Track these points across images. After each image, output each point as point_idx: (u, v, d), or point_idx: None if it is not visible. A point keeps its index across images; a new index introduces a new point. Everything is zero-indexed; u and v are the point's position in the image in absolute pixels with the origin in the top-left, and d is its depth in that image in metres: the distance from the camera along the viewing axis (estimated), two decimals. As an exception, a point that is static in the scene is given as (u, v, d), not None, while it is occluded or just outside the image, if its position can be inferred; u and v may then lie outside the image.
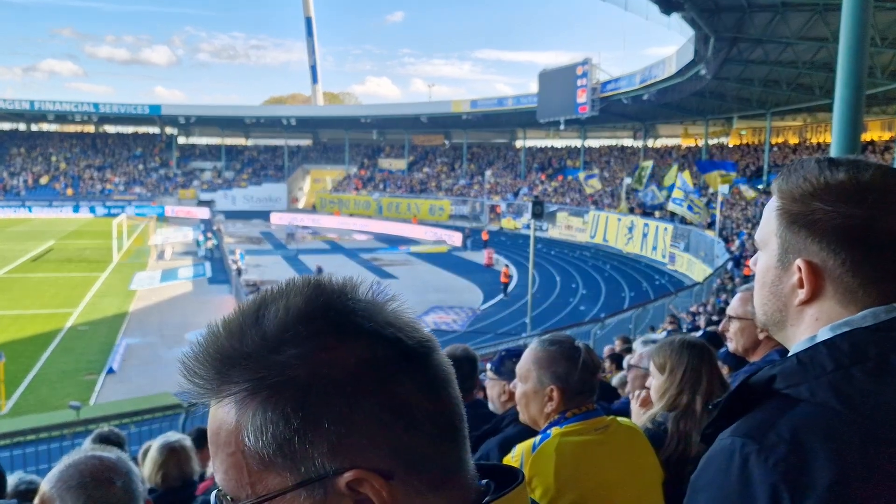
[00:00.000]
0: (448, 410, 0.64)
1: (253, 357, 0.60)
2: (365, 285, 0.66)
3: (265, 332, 0.61)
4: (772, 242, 1.05)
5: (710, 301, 19.46)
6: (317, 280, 0.65)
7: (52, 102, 58.02)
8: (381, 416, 0.59)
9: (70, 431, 11.09)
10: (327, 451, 0.58)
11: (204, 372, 0.62)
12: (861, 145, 5.88)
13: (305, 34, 72.68)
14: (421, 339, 0.64)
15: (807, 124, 39.99)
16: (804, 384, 0.92)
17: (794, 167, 1.05)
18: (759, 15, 21.62)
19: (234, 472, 0.61)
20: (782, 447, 0.86)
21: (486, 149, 59.60)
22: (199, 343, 0.64)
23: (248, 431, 0.59)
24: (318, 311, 0.62)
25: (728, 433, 0.93)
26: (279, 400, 0.58)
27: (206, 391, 0.62)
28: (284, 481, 0.59)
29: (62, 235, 41.67)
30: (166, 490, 3.15)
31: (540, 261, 30.85)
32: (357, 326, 0.62)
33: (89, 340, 19.54)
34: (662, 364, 2.46)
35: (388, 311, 0.65)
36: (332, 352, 0.60)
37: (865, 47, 4.90)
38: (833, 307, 0.99)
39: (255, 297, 0.65)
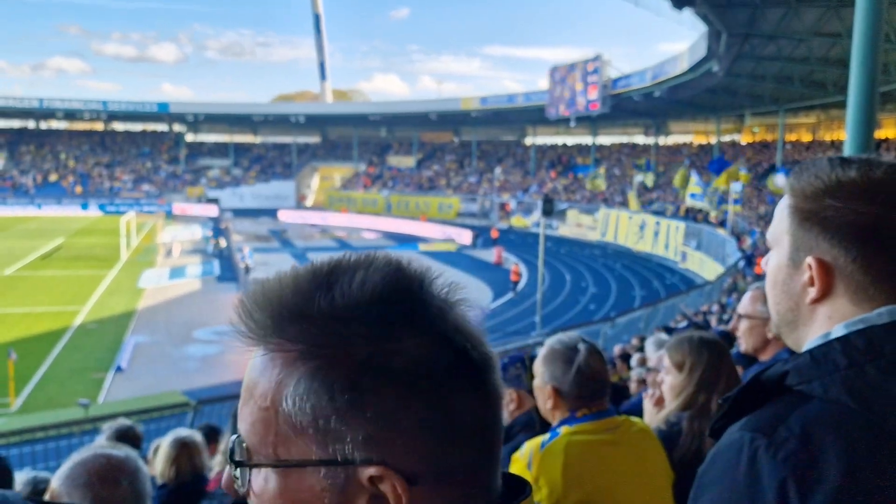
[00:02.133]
0: (490, 431, 0.62)
1: (316, 322, 0.58)
2: (441, 280, 0.64)
3: (335, 301, 0.58)
4: (783, 241, 1.06)
5: (721, 300, 19.29)
6: (398, 262, 0.63)
7: (61, 100, 58.41)
8: (424, 422, 0.57)
9: (79, 429, 11.10)
10: (361, 439, 0.56)
11: (260, 316, 0.60)
12: (875, 143, 5.77)
13: (314, 31, 72.71)
14: (484, 355, 0.62)
15: (820, 121, 39.67)
16: (817, 380, 0.91)
17: (806, 166, 1.05)
18: (771, 10, 21.41)
19: (261, 426, 0.59)
20: (792, 442, 0.85)
21: (496, 146, 59.49)
22: (264, 287, 0.62)
23: (289, 394, 0.57)
24: (395, 296, 0.59)
25: (737, 427, 0.93)
26: (330, 374, 0.56)
27: (255, 336, 0.60)
28: (309, 453, 0.57)
29: (71, 233, 41.83)
30: (178, 485, 3.19)
31: (550, 259, 30.71)
32: (428, 324, 0.59)
33: (98, 338, 19.54)
34: (681, 362, 2.42)
35: (458, 315, 0.62)
36: (397, 343, 0.57)
37: (880, 43, 4.82)
38: (845, 305, 0.99)
39: (330, 260, 0.63)
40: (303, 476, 0.57)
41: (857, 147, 4.81)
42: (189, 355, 18.41)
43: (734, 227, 28.35)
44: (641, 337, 9.75)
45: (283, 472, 0.58)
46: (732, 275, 22.73)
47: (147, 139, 65.87)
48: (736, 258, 24.72)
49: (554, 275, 29.70)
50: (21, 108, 58.22)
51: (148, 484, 1.76)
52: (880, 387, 0.88)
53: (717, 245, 28.07)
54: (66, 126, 65.27)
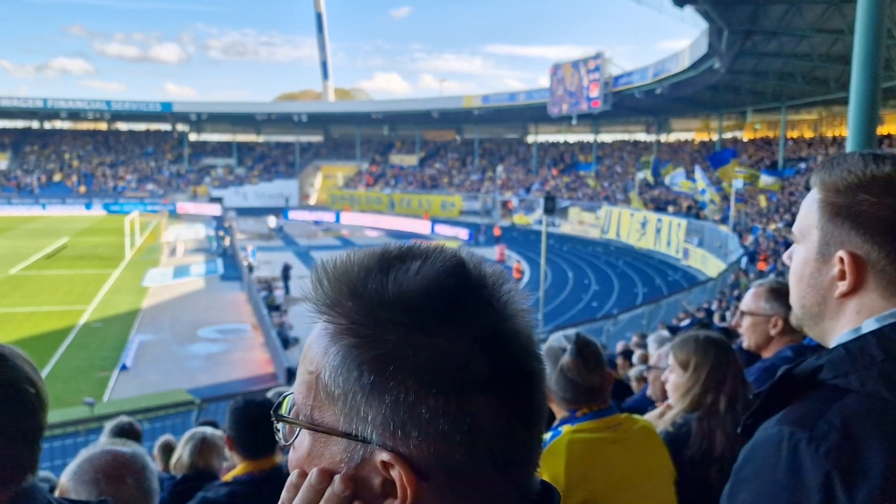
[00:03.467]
0: (516, 445, 0.61)
1: (365, 301, 0.60)
2: (507, 285, 0.64)
3: (386, 285, 0.60)
4: (812, 235, 1.05)
5: (724, 296, 19.31)
6: (461, 259, 0.63)
7: (65, 100, 58.51)
8: (442, 421, 0.57)
9: (84, 427, 11.16)
10: (380, 423, 0.57)
11: (326, 286, 0.62)
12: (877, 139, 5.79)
13: (316, 30, 72.73)
14: (524, 368, 0.61)
15: (822, 118, 39.57)
16: (853, 374, 0.92)
17: (836, 160, 1.05)
18: (773, 7, 21.39)
19: (305, 388, 0.62)
20: (834, 435, 0.85)
21: (498, 144, 59.46)
22: (339, 259, 0.64)
23: (329, 363, 0.60)
24: (444, 291, 0.60)
25: (774, 422, 0.93)
26: (361, 354, 0.58)
27: (319, 304, 0.62)
28: (337, 424, 0.60)
29: (75, 233, 41.93)
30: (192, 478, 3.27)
31: (552, 256, 30.74)
32: (470, 326, 0.59)
33: (103, 337, 19.63)
34: (686, 361, 2.39)
35: (511, 323, 0.62)
36: (430, 338, 0.58)
37: (882, 39, 4.83)
38: (875, 300, 0.99)
39: (401, 245, 0.65)
40: (329, 443, 0.60)
41: (859, 143, 4.83)
42: (193, 354, 18.49)
43: (737, 223, 28.36)
44: (642, 334, 9.79)
45: (314, 435, 0.62)
46: (735, 271, 22.74)
47: (151, 139, 65.96)
48: (738, 254, 24.73)
49: (556, 272, 29.72)
50: (25, 108, 58.34)
51: (154, 481, 1.78)
52: None
53: (719, 241, 28.07)
54: (69, 126, 65.40)
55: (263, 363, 17.60)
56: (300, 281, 26.93)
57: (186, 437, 3.49)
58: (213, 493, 2.47)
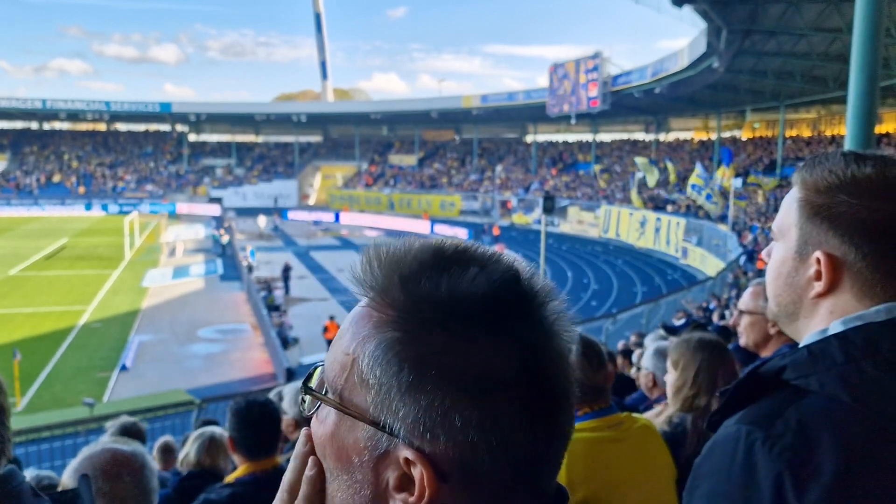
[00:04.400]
0: (541, 462, 0.61)
1: (416, 297, 0.59)
2: (556, 304, 0.63)
3: (439, 285, 0.59)
4: (790, 233, 1.05)
5: (723, 295, 19.32)
6: (517, 272, 0.63)
7: (64, 101, 58.45)
8: (470, 430, 0.57)
9: (84, 428, 11.19)
10: (410, 421, 0.57)
11: (377, 270, 0.62)
12: (876, 137, 5.80)
13: (315, 30, 72.71)
14: (561, 392, 0.61)
15: (821, 116, 39.59)
16: (814, 375, 0.92)
17: (818, 159, 1.05)
18: (772, 6, 21.41)
19: (338, 367, 0.62)
20: (788, 436, 0.86)
21: (497, 144, 59.46)
22: (394, 245, 0.63)
23: (368, 351, 0.59)
24: (495, 303, 0.59)
25: (734, 420, 0.93)
26: (404, 350, 0.57)
27: (366, 286, 0.62)
28: (366, 410, 0.59)
29: (75, 233, 41.94)
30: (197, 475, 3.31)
31: (551, 256, 30.76)
32: (515, 342, 0.59)
33: (102, 337, 19.63)
34: (676, 361, 2.46)
35: (556, 343, 0.62)
36: (472, 345, 0.57)
37: (880, 38, 4.81)
38: (849, 301, 0.99)
39: (458, 246, 0.64)
40: (354, 427, 0.60)
41: (858, 142, 4.82)
42: (193, 354, 18.50)
43: (735, 222, 28.37)
44: (640, 333, 9.81)
45: (340, 416, 0.61)
46: (733, 270, 22.76)
47: (150, 139, 65.93)
48: (737, 254, 24.74)
49: (555, 272, 29.72)
50: (24, 108, 58.35)
51: (154, 480, 1.78)
52: (877, 383, 0.88)
53: (718, 240, 28.08)
54: (69, 127, 65.33)
55: (263, 363, 17.61)
56: (300, 281, 26.97)
57: (195, 436, 3.53)
58: (216, 494, 2.47)
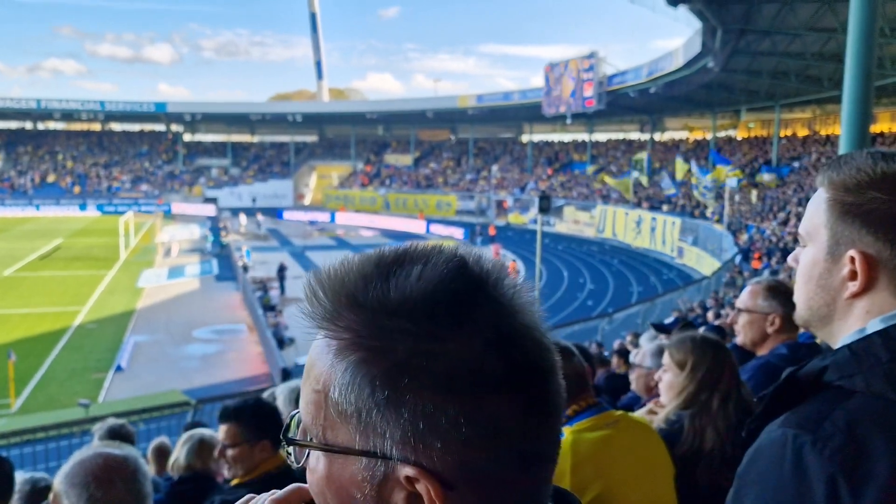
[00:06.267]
0: (539, 442, 0.59)
1: (368, 312, 0.57)
2: (510, 279, 0.62)
3: (388, 292, 0.57)
4: (820, 235, 1.03)
5: (719, 295, 19.35)
6: (462, 258, 0.61)
7: (59, 101, 58.28)
8: (464, 429, 0.55)
9: (79, 429, 11.12)
10: (399, 437, 0.55)
11: (324, 299, 0.59)
12: (871, 137, 5.80)
13: (310, 30, 72.61)
14: (540, 363, 0.59)
15: (816, 116, 39.66)
16: (858, 375, 0.90)
17: (843, 159, 1.03)
18: (766, 6, 21.44)
19: (313, 408, 0.59)
20: (838, 437, 0.84)
21: (493, 143, 59.45)
22: (331, 269, 0.61)
23: (337, 381, 0.57)
24: (449, 293, 0.57)
25: (777, 425, 0.92)
26: (372, 367, 0.55)
27: (317, 318, 0.59)
28: (352, 442, 0.57)
29: (69, 233, 41.80)
30: (189, 479, 3.29)
31: (547, 256, 30.74)
32: (480, 326, 0.57)
33: (97, 338, 19.57)
34: (683, 361, 2.40)
35: (522, 318, 0.59)
36: (442, 343, 0.55)
37: (874, 38, 4.79)
38: (886, 298, 0.97)
39: (397, 249, 0.62)
40: (346, 463, 0.58)
41: (853, 142, 4.82)
42: (189, 354, 18.45)
43: (731, 222, 28.43)
44: (635, 333, 9.83)
45: (329, 456, 0.59)
46: (729, 270, 22.81)
47: (145, 139, 65.74)
48: (732, 253, 24.79)
49: (551, 271, 29.74)
50: (18, 108, 58.07)
51: (147, 484, 1.77)
52: None
53: (713, 240, 28.13)
54: (63, 126, 65.08)
55: (259, 363, 17.57)
56: (295, 281, 26.92)
57: (184, 439, 3.49)
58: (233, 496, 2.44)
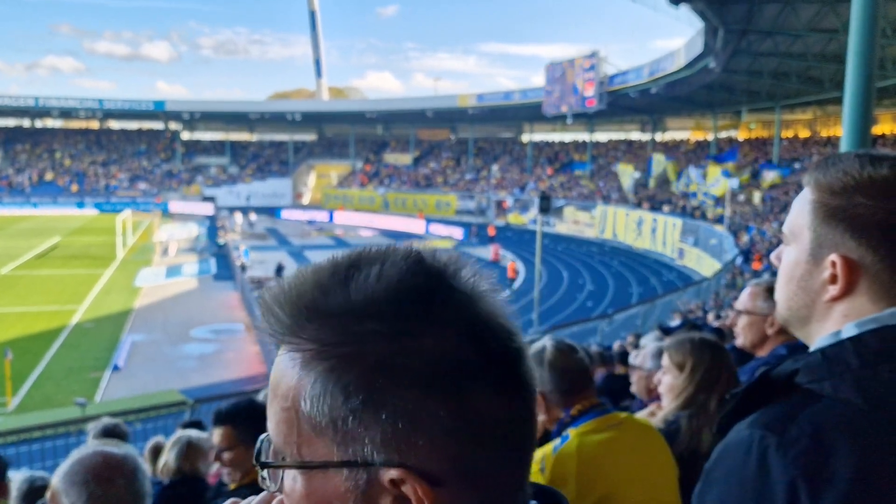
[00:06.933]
0: (519, 427, 0.59)
1: (331, 319, 0.56)
2: (468, 270, 0.61)
3: (350, 297, 0.56)
4: (803, 236, 1.02)
5: (719, 296, 19.30)
6: (418, 253, 0.60)
7: (57, 98, 58.13)
8: (445, 422, 0.54)
9: (76, 428, 11.05)
10: (380, 441, 0.54)
11: (281, 313, 0.58)
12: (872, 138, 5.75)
13: (310, 28, 72.54)
14: (511, 347, 0.59)
15: (817, 117, 39.68)
16: (828, 380, 0.90)
17: (830, 160, 1.03)
18: (768, 6, 21.43)
19: (284, 426, 0.58)
20: (803, 441, 0.84)
21: (493, 143, 59.42)
22: (286, 282, 0.60)
23: (307, 394, 0.55)
24: (412, 289, 0.57)
25: (746, 424, 0.91)
26: (344, 375, 0.54)
27: (277, 334, 0.58)
28: (330, 454, 0.56)
29: (67, 232, 41.72)
30: (179, 483, 3.25)
31: (547, 256, 30.68)
32: (449, 318, 0.57)
33: (94, 337, 19.49)
34: (681, 362, 2.43)
35: (485, 305, 0.59)
36: (413, 339, 0.55)
37: (876, 39, 4.77)
38: (864, 304, 0.97)
39: (350, 253, 0.61)
40: (327, 477, 0.56)
41: (854, 143, 4.79)
42: (186, 354, 18.37)
43: (732, 223, 28.39)
44: (637, 334, 9.76)
45: (308, 473, 0.57)
46: (730, 271, 22.76)
47: (143, 137, 65.65)
48: (733, 254, 24.74)
49: (551, 272, 29.69)
50: (16, 106, 57.93)
51: (146, 483, 1.76)
52: (893, 388, 0.87)
53: (714, 241, 28.09)
54: (61, 125, 65.03)
55: (256, 363, 17.49)
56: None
57: (172, 442, 3.45)
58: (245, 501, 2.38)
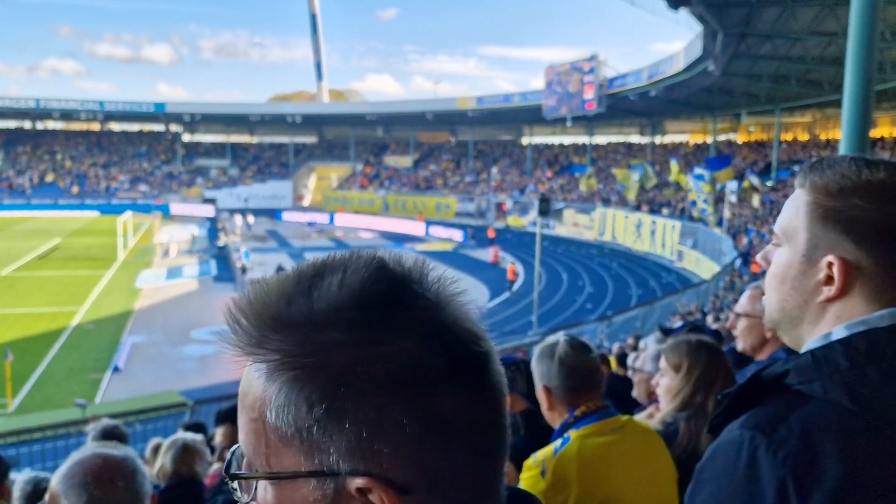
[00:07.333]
0: (489, 431, 0.58)
1: (294, 329, 0.56)
2: (432, 275, 0.61)
3: (312, 306, 0.56)
4: (798, 237, 1.03)
5: (718, 298, 19.33)
6: (381, 260, 0.60)
7: (58, 100, 58.18)
8: (411, 429, 0.54)
9: (76, 429, 11.09)
10: (345, 449, 0.54)
11: (246, 325, 0.58)
12: (870, 141, 5.78)
13: (310, 31, 72.64)
14: (478, 352, 0.59)
15: (816, 120, 39.72)
16: (817, 381, 0.91)
17: (825, 163, 1.03)
18: (767, 10, 21.45)
19: (253, 437, 0.58)
20: (792, 441, 0.85)
21: (492, 146, 59.48)
22: (251, 293, 0.60)
23: (271, 406, 0.55)
24: (375, 296, 0.56)
25: (737, 425, 0.92)
26: (307, 384, 0.54)
27: (242, 345, 0.58)
28: (298, 465, 0.55)
29: (68, 233, 41.75)
30: (175, 486, 3.24)
31: (546, 258, 30.72)
32: (412, 325, 0.56)
33: (95, 338, 19.53)
34: (678, 364, 2.42)
35: (451, 310, 0.59)
36: (376, 347, 0.54)
37: (875, 42, 4.78)
38: (858, 306, 0.98)
39: (315, 261, 0.61)
40: (296, 487, 0.56)
41: (853, 146, 4.81)
42: (186, 355, 18.40)
43: (730, 225, 28.42)
44: (637, 336, 9.79)
45: (278, 484, 0.57)
46: (729, 274, 22.80)
47: (144, 139, 65.71)
48: (732, 257, 24.77)
49: (551, 274, 29.72)
50: (17, 108, 57.99)
51: (147, 485, 1.76)
52: (881, 389, 0.88)
53: (713, 244, 28.12)
54: (62, 126, 65.06)
55: (257, 365, 17.52)
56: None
57: (167, 444, 3.43)
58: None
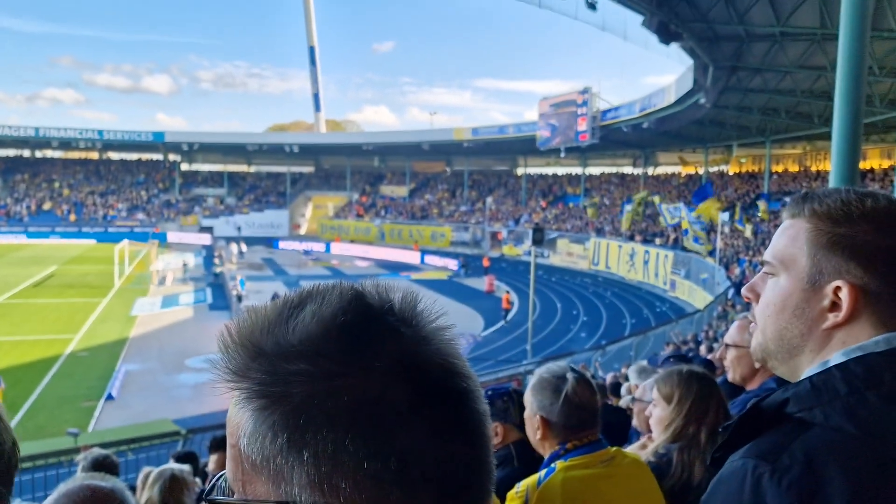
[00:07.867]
0: (460, 469, 0.56)
1: (267, 358, 0.56)
2: (417, 307, 0.60)
3: (286, 335, 0.56)
4: (798, 264, 1.02)
5: (711, 328, 19.40)
6: (358, 292, 0.59)
7: (57, 129, 58.34)
8: (369, 465, 0.52)
9: (68, 458, 11.01)
10: (306, 482, 0.53)
11: (234, 351, 0.58)
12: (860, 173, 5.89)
13: (309, 63, 73.43)
14: (450, 387, 0.57)
15: (806, 152, 40.16)
16: (818, 408, 0.91)
17: (823, 192, 1.04)
18: (757, 44, 21.82)
19: (232, 464, 0.58)
20: (796, 469, 0.85)
21: (487, 176, 59.89)
22: (241, 321, 0.60)
23: (244, 433, 0.56)
24: (341, 329, 0.56)
25: (740, 455, 0.93)
26: (271, 413, 0.54)
27: (226, 373, 0.57)
28: (268, 493, 0.55)
29: (64, 261, 41.71)
30: None
31: (541, 288, 30.82)
32: (381, 358, 0.55)
33: (89, 366, 19.46)
34: (669, 394, 2.40)
35: (425, 345, 0.58)
36: (337, 380, 0.54)
37: (863, 76, 4.91)
38: (864, 330, 0.97)
39: (301, 290, 0.61)
40: None
41: (842, 177, 4.89)
42: (181, 383, 18.34)
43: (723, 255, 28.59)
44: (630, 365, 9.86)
45: None
46: (722, 303, 22.89)
47: (142, 168, 65.95)
48: (725, 286, 24.89)
49: (545, 303, 29.78)
50: (16, 136, 58.17)
51: None
52: (882, 414, 0.88)
53: (705, 274, 28.26)
54: (61, 155, 65.24)
55: (251, 393, 17.47)
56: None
57: (155, 476, 3.37)
58: None
